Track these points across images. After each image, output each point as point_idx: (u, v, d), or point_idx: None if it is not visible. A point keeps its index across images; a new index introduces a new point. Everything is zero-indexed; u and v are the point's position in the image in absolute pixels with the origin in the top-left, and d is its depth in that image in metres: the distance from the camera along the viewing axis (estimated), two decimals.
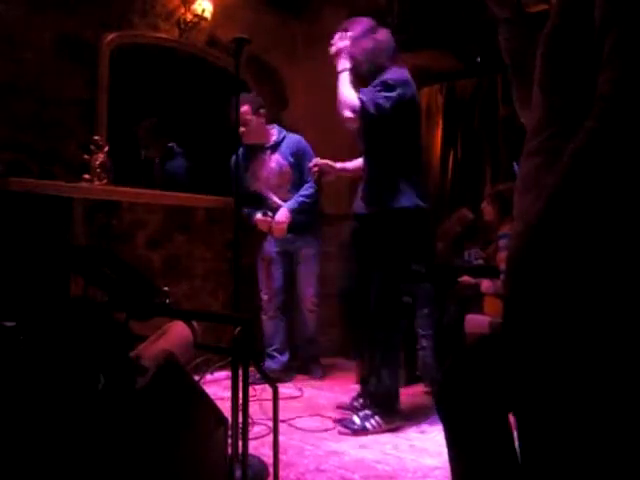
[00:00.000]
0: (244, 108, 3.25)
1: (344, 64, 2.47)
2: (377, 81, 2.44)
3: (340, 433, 2.44)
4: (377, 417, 2.45)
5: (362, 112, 2.37)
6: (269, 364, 3.41)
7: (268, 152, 3.37)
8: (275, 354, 3.42)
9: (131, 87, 3.42)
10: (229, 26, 3.59)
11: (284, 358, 3.43)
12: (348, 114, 2.39)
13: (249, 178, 3.40)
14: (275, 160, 3.37)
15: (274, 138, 3.40)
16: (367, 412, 2.48)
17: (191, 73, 3.76)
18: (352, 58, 2.49)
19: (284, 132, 3.44)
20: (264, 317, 3.46)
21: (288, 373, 3.42)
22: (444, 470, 2.06)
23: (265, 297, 3.44)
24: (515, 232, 0.98)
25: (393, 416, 2.50)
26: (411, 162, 2.53)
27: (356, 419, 2.46)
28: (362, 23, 2.57)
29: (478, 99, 4.65)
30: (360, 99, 2.38)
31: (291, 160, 3.35)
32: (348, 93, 2.41)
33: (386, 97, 2.39)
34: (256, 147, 3.37)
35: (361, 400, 2.67)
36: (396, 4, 3.95)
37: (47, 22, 2.95)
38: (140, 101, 3.54)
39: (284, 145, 3.39)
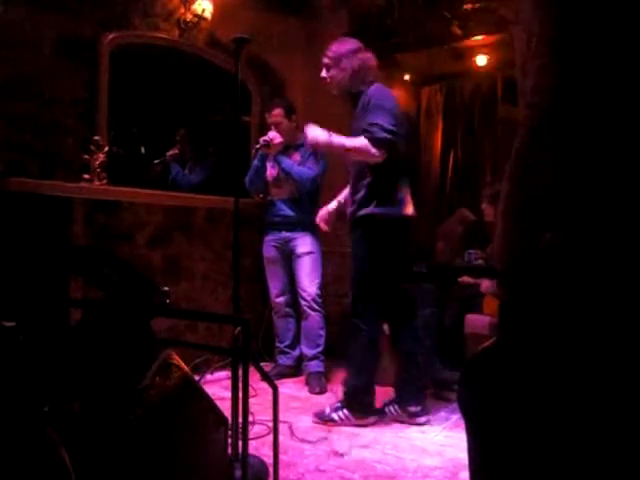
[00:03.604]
0: (277, 111, 3.37)
1: (326, 137, 2.49)
2: (369, 110, 2.50)
3: (313, 422, 2.60)
4: (345, 410, 2.57)
5: (380, 144, 2.44)
6: (282, 360, 3.50)
7: (291, 150, 3.41)
8: (287, 350, 3.50)
9: (131, 87, 3.42)
10: (229, 26, 3.58)
11: (296, 353, 3.50)
12: (373, 151, 2.45)
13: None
14: (294, 157, 3.41)
15: (300, 141, 3.42)
16: (338, 404, 2.62)
17: (191, 73, 3.77)
18: (335, 74, 2.60)
19: None
20: (275, 316, 3.52)
21: (300, 368, 3.47)
22: (444, 470, 2.06)
23: (273, 296, 3.49)
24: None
25: (362, 412, 2.58)
26: (395, 171, 2.58)
27: (327, 409, 2.62)
28: (348, 43, 2.66)
29: (478, 99, 4.65)
30: (369, 136, 2.45)
31: (306, 161, 3.39)
32: (356, 142, 2.48)
33: (387, 119, 2.46)
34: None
35: (392, 404, 2.69)
36: (396, 4, 3.95)
37: (47, 22, 2.95)
38: (140, 101, 3.55)
39: (306, 147, 3.38)
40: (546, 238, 0.83)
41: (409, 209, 2.63)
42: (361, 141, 2.46)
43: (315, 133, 2.50)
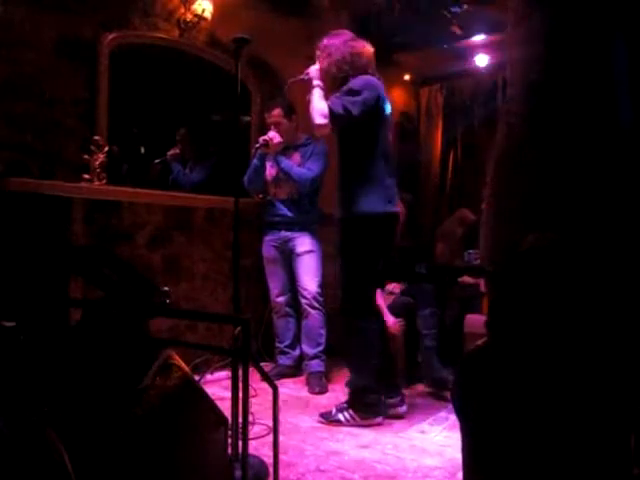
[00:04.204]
0: (276, 111, 3.38)
1: (317, 82, 2.59)
2: (343, 88, 2.53)
3: (318, 422, 2.60)
4: (351, 411, 2.57)
5: (331, 116, 2.46)
6: (282, 360, 3.49)
7: (291, 150, 3.43)
8: (287, 350, 3.49)
9: (131, 87, 3.42)
10: (229, 26, 3.58)
11: (296, 353, 3.49)
12: (319, 120, 2.48)
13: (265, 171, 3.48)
14: (294, 158, 3.42)
15: (300, 142, 3.45)
16: (344, 405, 2.61)
17: (191, 73, 3.77)
18: (322, 64, 2.61)
19: (311, 139, 3.46)
20: (275, 316, 3.52)
21: (300, 368, 3.46)
22: (444, 470, 2.06)
23: (273, 296, 3.50)
24: None
25: (367, 412, 2.57)
26: (377, 167, 2.58)
27: (333, 410, 2.62)
28: (339, 34, 2.68)
29: (478, 99, 4.65)
30: (328, 105, 2.48)
31: (306, 161, 3.40)
32: (318, 102, 2.52)
33: (352, 102, 2.47)
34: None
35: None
36: (396, 4, 3.95)
37: (47, 22, 2.94)
38: (140, 101, 3.54)
39: (306, 147, 3.44)
40: (529, 240, 0.83)
41: (394, 206, 2.63)
42: (321, 105, 2.49)
43: (313, 72, 2.60)
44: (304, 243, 3.37)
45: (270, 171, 3.45)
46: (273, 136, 3.29)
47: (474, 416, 0.96)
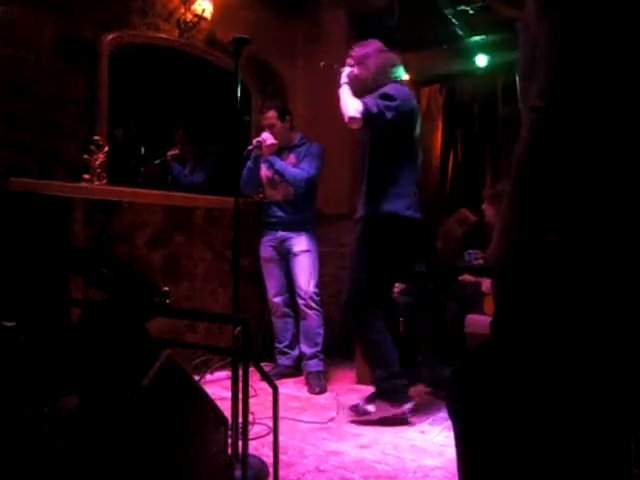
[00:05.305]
0: (270, 113, 3.41)
1: (344, 78, 2.65)
2: (377, 92, 2.58)
3: (349, 416, 2.64)
4: (378, 400, 2.59)
5: (366, 112, 2.48)
6: (282, 360, 3.49)
7: (286, 152, 3.43)
8: (287, 350, 3.49)
9: (131, 87, 3.42)
10: (229, 26, 3.59)
11: (295, 353, 3.49)
12: (353, 113, 2.50)
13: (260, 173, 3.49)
14: (289, 159, 3.43)
15: (294, 142, 3.46)
16: (370, 395, 2.65)
17: (191, 73, 3.77)
18: (360, 73, 2.66)
19: (305, 139, 3.49)
20: (273, 316, 3.53)
21: (300, 368, 3.46)
22: (444, 470, 2.06)
23: (270, 296, 3.50)
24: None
25: (396, 399, 2.57)
26: (404, 174, 2.64)
27: (360, 402, 2.65)
28: (371, 43, 2.73)
29: (478, 99, 4.65)
30: (363, 101, 2.52)
31: (301, 162, 3.41)
32: (350, 98, 2.56)
33: (387, 105, 2.52)
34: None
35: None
36: (396, 4, 3.95)
37: (47, 22, 2.95)
38: (140, 101, 3.54)
39: (301, 148, 3.45)
40: (543, 240, 0.83)
41: (415, 213, 2.67)
42: (355, 101, 2.52)
43: (345, 72, 2.67)
44: (301, 243, 3.38)
45: (265, 173, 3.46)
46: (266, 137, 3.30)
47: (466, 418, 0.95)
